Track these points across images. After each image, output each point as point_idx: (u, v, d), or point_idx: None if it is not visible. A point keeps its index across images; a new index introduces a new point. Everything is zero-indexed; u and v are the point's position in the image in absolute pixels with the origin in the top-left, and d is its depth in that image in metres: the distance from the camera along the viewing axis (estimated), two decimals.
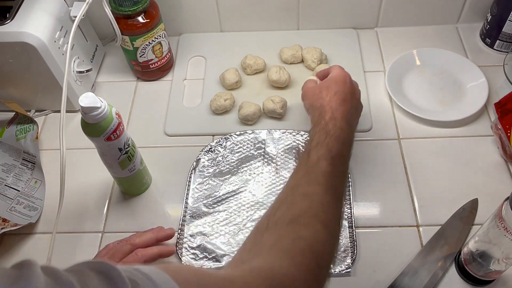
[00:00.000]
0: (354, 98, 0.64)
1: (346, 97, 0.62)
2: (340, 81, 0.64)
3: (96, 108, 0.55)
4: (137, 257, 0.58)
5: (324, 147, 0.54)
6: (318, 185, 0.50)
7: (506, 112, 0.68)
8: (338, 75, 0.65)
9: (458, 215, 0.65)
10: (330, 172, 0.52)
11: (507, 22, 0.80)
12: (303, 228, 0.46)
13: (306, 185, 0.51)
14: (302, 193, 0.50)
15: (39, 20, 0.70)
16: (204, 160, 0.73)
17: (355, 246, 0.63)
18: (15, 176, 0.74)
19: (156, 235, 0.62)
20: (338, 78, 0.65)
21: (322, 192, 0.50)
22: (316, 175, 0.51)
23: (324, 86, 0.65)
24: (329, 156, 0.53)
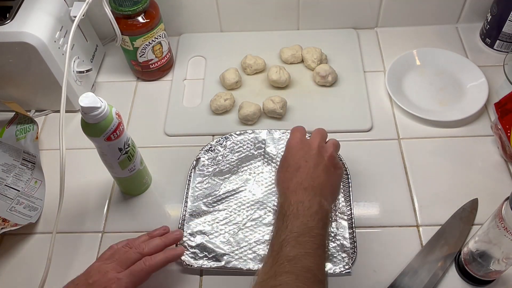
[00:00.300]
0: (311, 159, 0.57)
1: (298, 165, 0.56)
2: (289, 152, 0.59)
3: (96, 108, 0.55)
4: (144, 267, 0.57)
5: (284, 232, 0.50)
6: (286, 274, 0.47)
7: (506, 112, 0.68)
8: (287, 146, 0.60)
9: (458, 215, 0.65)
10: (296, 255, 0.48)
11: (507, 22, 0.80)
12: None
13: (273, 277, 0.47)
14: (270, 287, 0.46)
15: (39, 20, 0.70)
16: (204, 159, 0.73)
17: (355, 246, 0.63)
18: (15, 176, 0.74)
19: (165, 241, 0.61)
20: (287, 150, 0.60)
21: (292, 280, 0.46)
22: (282, 264, 0.47)
23: (279, 166, 0.60)
24: (291, 238, 0.49)
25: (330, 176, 0.57)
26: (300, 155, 0.57)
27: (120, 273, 0.56)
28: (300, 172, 0.56)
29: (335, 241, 0.63)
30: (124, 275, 0.56)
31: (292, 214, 0.51)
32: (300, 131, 0.61)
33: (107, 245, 0.65)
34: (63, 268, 0.64)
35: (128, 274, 0.56)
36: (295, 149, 0.59)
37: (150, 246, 0.60)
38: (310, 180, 0.55)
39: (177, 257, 0.61)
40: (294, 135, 0.61)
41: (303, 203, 0.52)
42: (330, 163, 0.58)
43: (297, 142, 0.59)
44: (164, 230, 0.64)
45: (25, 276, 0.64)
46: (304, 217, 0.51)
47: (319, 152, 0.58)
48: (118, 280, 0.55)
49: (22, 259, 0.66)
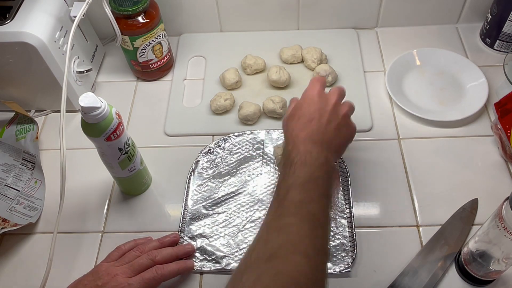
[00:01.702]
0: (325, 114, 0.58)
1: (312, 117, 0.57)
2: (305, 102, 0.60)
3: (96, 108, 0.55)
4: (156, 275, 0.57)
5: (291, 177, 0.51)
6: (292, 216, 0.48)
7: (506, 112, 0.68)
8: (304, 95, 0.61)
9: (458, 215, 0.65)
10: (302, 199, 0.49)
11: (507, 22, 0.80)
12: (282, 263, 0.44)
13: (279, 219, 0.48)
14: (276, 228, 0.47)
15: (39, 20, 0.70)
16: (203, 162, 0.73)
17: (355, 246, 0.63)
18: (15, 176, 0.74)
19: (177, 252, 0.62)
20: (303, 99, 0.61)
21: (297, 222, 0.47)
22: (288, 206, 0.49)
23: (290, 114, 0.60)
24: (298, 184, 0.50)
25: (340, 134, 0.58)
26: (316, 108, 0.58)
27: (131, 278, 0.55)
28: (312, 124, 0.57)
29: (335, 240, 0.63)
30: (135, 281, 0.55)
31: (300, 161, 0.53)
32: (321, 82, 0.62)
33: (107, 245, 0.66)
34: (63, 268, 0.64)
35: (139, 280, 0.56)
36: (311, 101, 0.59)
37: (163, 254, 0.60)
38: (320, 134, 0.56)
39: (188, 270, 0.62)
40: (313, 86, 0.61)
41: (311, 154, 0.53)
42: (343, 122, 0.59)
43: (315, 95, 0.60)
44: (175, 237, 0.64)
45: (25, 276, 0.64)
46: (311, 166, 0.52)
47: (334, 109, 0.59)
48: (128, 286, 0.54)
49: (22, 259, 0.66)
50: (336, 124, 0.58)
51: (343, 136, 0.59)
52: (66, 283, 0.56)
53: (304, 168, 0.52)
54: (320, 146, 0.55)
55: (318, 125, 0.57)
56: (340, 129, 0.58)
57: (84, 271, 0.57)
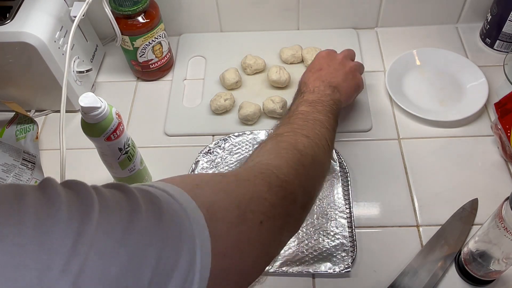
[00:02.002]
0: (332, 64, 0.67)
1: (321, 67, 0.67)
2: (316, 58, 0.70)
3: (96, 108, 0.55)
4: None
5: (300, 100, 0.61)
6: (299, 119, 0.56)
7: (506, 112, 0.68)
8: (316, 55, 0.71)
9: (458, 215, 0.65)
10: (309, 110, 0.58)
11: (507, 22, 0.80)
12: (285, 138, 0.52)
13: (287, 123, 0.56)
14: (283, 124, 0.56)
15: (39, 20, 0.70)
16: (203, 162, 0.73)
17: (355, 246, 0.63)
18: (15, 176, 0.74)
19: None
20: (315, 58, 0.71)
21: (302, 122, 0.55)
22: (296, 116, 0.57)
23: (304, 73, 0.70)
24: (306, 102, 0.59)
25: (347, 80, 0.67)
26: (325, 61, 0.68)
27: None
28: (321, 71, 0.66)
29: (335, 240, 0.63)
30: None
31: (309, 91, 0.63)
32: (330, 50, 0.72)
33: None
34: None
35: None
36: (321, 57, 0.70)
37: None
38: (329, 78, 0.65)
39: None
40: (324, 50, 0.72)
41: (319, 87, 0.63)
42: (350, 72, 0.68)
43: (325, 53, 0.70)
44: None
45: None
46: (319, 93, 0.62)
47: (342, 62, 0.69)
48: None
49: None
50: (344, 72, 0.67)
51: (350, 84, 0.67)
52: None
53: (312, 94, 0.62)
54: (328, 84, 0.63)
55: (326, 71, 0.66)
56: (347, 76, 0.67)
57: None
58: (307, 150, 0.50)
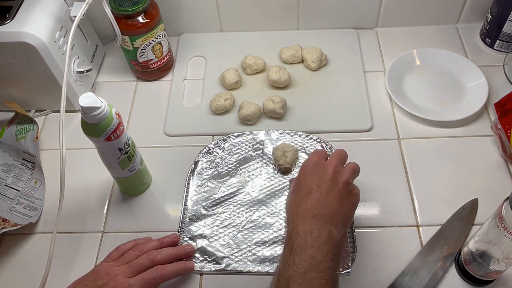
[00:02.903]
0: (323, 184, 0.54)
1: (310, 189, 0.54)
2: (302, 175, 0.57)
3: (96, 108, 0.55)
4: (156, 275, 0.57)
5: (291, 266, 0.48)
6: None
7: (506, 112, 0.68)
8: (301, 168, 0.58)
9: (458, 215, 0.65)
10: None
11: (507, 22, 0.80)
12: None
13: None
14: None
15: (39, 20, 0.70)
16: (202, 162, 0.73)
17: (354, 246, 0.63)
18: (15, 176, 0.74)
19: (177, 252, 0.62)
20: (300, 173, 0.57)
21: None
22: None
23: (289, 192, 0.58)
24: (298, 275, 0.47)
25: (343, 203, 0.54)
26: (313, 179, 0.55)
27: (131, 279, 0.55)
28: (311, 197, 0.53)
29: None
30: (135, 281, 0.55)
31: (300, 246, 0.49)
32: (319, 154, 0.59)
33: (107, 245, 0.66)
34: (63, 268, 0.64)
35: (139, 280, 0.55)
36: (308, 173, 0.56)
37: (163, 254, 0.60)
38: (320, 207, 0.52)
39: (188, 271, 0.62)
40: (310, 157, 0.59)
41: (311, 233, 0.50)
42: (344, 189, 0.55)
43: (312, 165, 0.57)
44: (175, 238, 0.64)
45: (25, 276, 0.64)
46: (312, 248, 0.49)
47: (334, 177, 0.55)
48: (128, 286, 0.54)
49: (22, 259, 0.66)
50: (337, 192, 0.54)
51: (346, 205, 0.55)
52: (66, 283, 0.56)
53: (305, 253, 0.49)
54: (322, 221, 0.51)
55: (317, 197, 0.53)
56: (342, 197, 0.54)
57: (84, 271, 0.57)
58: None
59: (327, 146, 0.73)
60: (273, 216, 0.67)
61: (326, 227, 0.51)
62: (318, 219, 0.51)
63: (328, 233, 0.51)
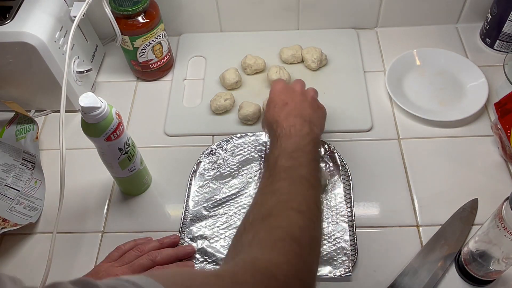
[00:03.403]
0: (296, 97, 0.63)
1: (285, 101, 0.62)
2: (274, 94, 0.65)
3: (96, 108, 0.55)
4: None
5: (278, 148, 0.55)
6: (283, 180, 0.52)
7: (506, 112, 0.68)
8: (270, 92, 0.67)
9: (458, 215, 0.65)
10: (291, 166, 0.53)
11: (507, 22, 0.80)
12: (277, 219, 0.47)
13: (271, 185, 0.52)
14: (269, 192, 0.51)
15: (39, 20, 0.70)
16: (204, 162, 0.73)
17: (355, 249, 0.63)
18: (15, 176, 0.74)
19: (177, 252, 0.62)
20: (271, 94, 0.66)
21: (287, 185, 0.51)
22: (278, 173, 0.53)
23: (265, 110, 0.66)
24: (285, 153, 0.54)
25: (316, 111, 0.63)
26: (285, 95, 0.63)
27: None
28: (288, 106, 0.61)
29: (336, 244, 0.63)
30: None
31: (285, 135, 0.57)
32: (281, 81, 0.68)
33: (107, 245, 0.66)
34: (63, 268, 0.64)
35: None
36: (279, 92, 0.65)
37: (163, 255, 0.60)
38: (299, 111, 0.60)
39: None
40: (276, 83, 0.67)
41: (295, 126, 0.57)
42: (313, 102, 0.64)
43: (281, 87, 0.65)
44: (175, 238, 0.64)
45: (25, 276, 0.64)
46: (296, 137, 0.56)
47: (302, 93, 0.64)
48: None
49: (22, 259, 0.66)
50: (309, 103, 0.63)
51: (319, 114, 0.64)
52: None
53: (290, 139, 0.56)
54: (302, 119, 0.59)
55: (293, 106, 0.61)
56: (313, 106, 0.63)
57: (84, 271, 0.57)
58: (303, 234, 0.46)
59: (330, 149, 0.72)
60: None
61: (307, 124, 0.58)
62: (299, 118, 0.59)
63: (309, 127, 0.58)
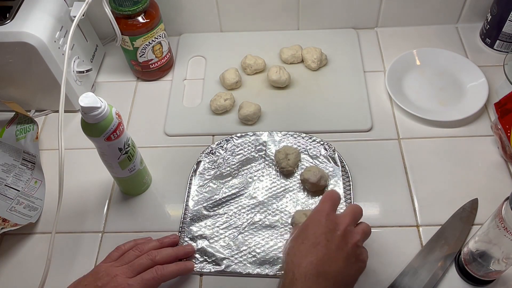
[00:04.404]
0: (333, 240, 0.50)
1: (318, 241, 0.49)
2: (312, 223, 0.52)
3: (96, 108, 0.55)
4: (156, 275, 0.57)
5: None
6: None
7: (506, 112, 0.68)
8: (311, 215, 0.53)
9: (458, 215, 0.65)
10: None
11: (507, 22, 0.80)
12: None
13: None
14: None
15: (39, 20, 0.70)
16: (204, 162, 0.73)
17: None
18: (15, 176, 0.74)
19: (177, 252, 0.62)
20: (309, 219, 0.53)
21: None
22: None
23: (293, 237, 0.53)
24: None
25: (349, 265, 0.50)
26: (323, 231, 0.50)
27: (131, 279, 0.55)
28: (318, 250, 0.49)
29: None
30: (135, 281, 0.55)
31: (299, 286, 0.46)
32: (332, 200, 0.54)
33: (107, 245, 0.66)
34: (63, 268, 0.64)
35: (139, 280, 0.55)
36: (318, 222, 0.51)
37: (163, 254, 0.60)
38: (326, 264, 0.48)
39: (188, 271, 0.62)
40: (322, 206, 0.53)
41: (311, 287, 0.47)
42: (353, 251, 0.50)
43: (323, 215, 0.52)
44: (174, 238, 0.64)
45: (25, 276, 0.64)
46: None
47: (345, 235, 0.51)
48: (128, 286, 0.54)
49: (22, 259, 0.66)
50: (346, 252, 0.50)
51: (352, 268, 0.50)
52: (66, 283, 0.56)
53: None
54: (324, 282, 0.47)
55: (324, 252, 0.49)
56: (349, 259, 0.50)
57: (84, 271, 0.57)
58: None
59: (330, 149, 0.73)
60: (274, 218, 0.67)
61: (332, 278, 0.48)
62: (321, 278, 0.47)
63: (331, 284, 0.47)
